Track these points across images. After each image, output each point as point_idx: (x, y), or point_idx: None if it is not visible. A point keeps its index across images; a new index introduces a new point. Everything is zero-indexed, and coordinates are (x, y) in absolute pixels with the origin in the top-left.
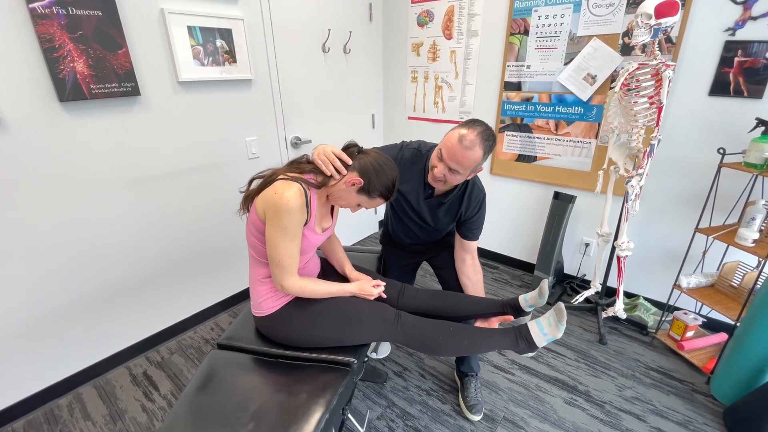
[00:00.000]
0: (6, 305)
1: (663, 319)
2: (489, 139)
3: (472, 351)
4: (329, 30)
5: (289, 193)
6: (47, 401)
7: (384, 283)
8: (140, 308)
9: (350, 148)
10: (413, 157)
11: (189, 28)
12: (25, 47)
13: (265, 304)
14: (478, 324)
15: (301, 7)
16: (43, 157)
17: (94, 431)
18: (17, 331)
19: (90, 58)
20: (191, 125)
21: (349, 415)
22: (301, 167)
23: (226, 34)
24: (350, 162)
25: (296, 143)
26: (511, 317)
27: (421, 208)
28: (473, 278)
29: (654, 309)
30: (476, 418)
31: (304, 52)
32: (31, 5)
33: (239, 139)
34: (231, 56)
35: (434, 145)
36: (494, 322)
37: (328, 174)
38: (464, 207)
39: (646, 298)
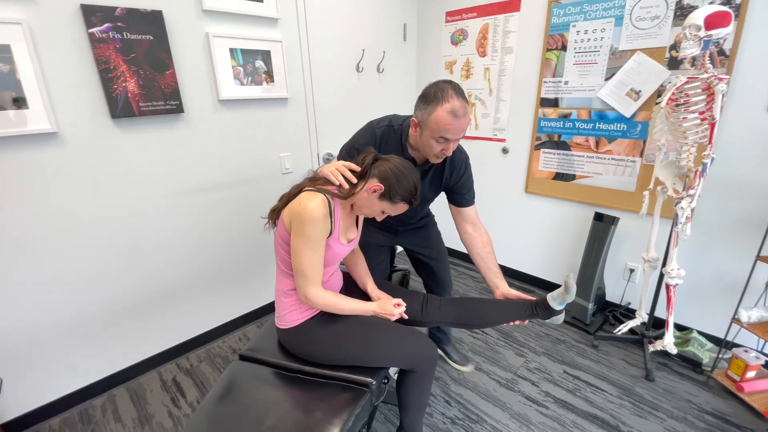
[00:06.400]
0: (52, 305)
1: (720, 356)
2: (460, 89)
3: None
4: (363, 50)
5: (312, 203)
6: (83, 401)
7: (405, 304)
8: (173, 316)
9: (367, 156)
10: (386, 134)
11: (231, 50)
12: (84, 68)
13: (289, 316)
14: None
15: (337, 28)
16: (94, 169)
17: None
18: (62, 331)
19: (140, 78)
20: (229, 141)
21: None
22: (319, 181)
23: (265, 56)
24: (356, 174)
25: (328, 159)
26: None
27: None
28: (482, 252)
29: (709, 345)
30: (468, 369)
31: (339, 71)
32: (90, 30)
33: (274, 155)
34: (269, 76)
35: (406, 117)
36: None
37: (337, 183)
38: (447, 172)
39: (700, 332)
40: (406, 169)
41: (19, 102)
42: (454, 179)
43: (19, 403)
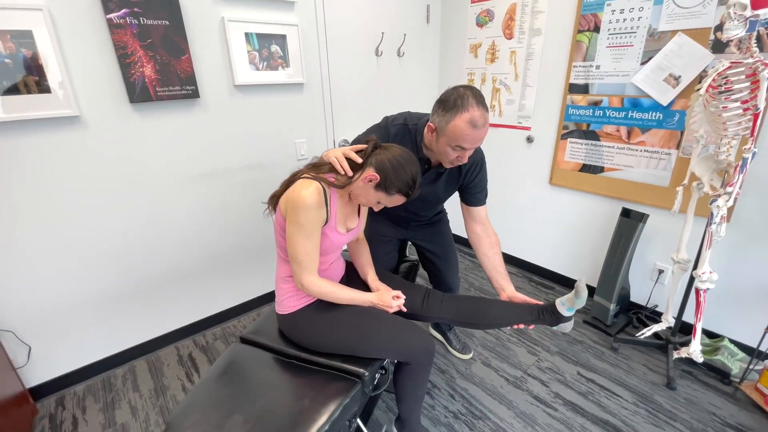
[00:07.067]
0: (80, 279)
1: (751, 367)
2: (481, 97)
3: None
4: (383, 33)
5: (306, 191)
6: (107, 369)
7: (404, 297)
8: (192, 294)
9: (367, 143)
10: (400, 133)
11: (246, 34)
12: (102, 53)
13: (287, 302)
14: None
15: (356, 11)
16: (114, 151)
17: (140, 402)
18: (89, 305)
19: (157, 63)
20: (245, 126)
21: (363, 427)
22: (321, 168)
23: (281, 40)
24: (359, 160)
25: (344, 145)
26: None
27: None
28: (489, 252)
29: (741, 354)
30: (467, 356)
31: (357, 56)
32: (108, 16)
33: (289, 141)
34: (284, 61)
35: (422, 116)
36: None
37: (342, 172)
38: (464, 172)
39: (732, 341)
40: (405, 160)
41: (42, 86)
42: (468, 179)
43: (46, 369)
